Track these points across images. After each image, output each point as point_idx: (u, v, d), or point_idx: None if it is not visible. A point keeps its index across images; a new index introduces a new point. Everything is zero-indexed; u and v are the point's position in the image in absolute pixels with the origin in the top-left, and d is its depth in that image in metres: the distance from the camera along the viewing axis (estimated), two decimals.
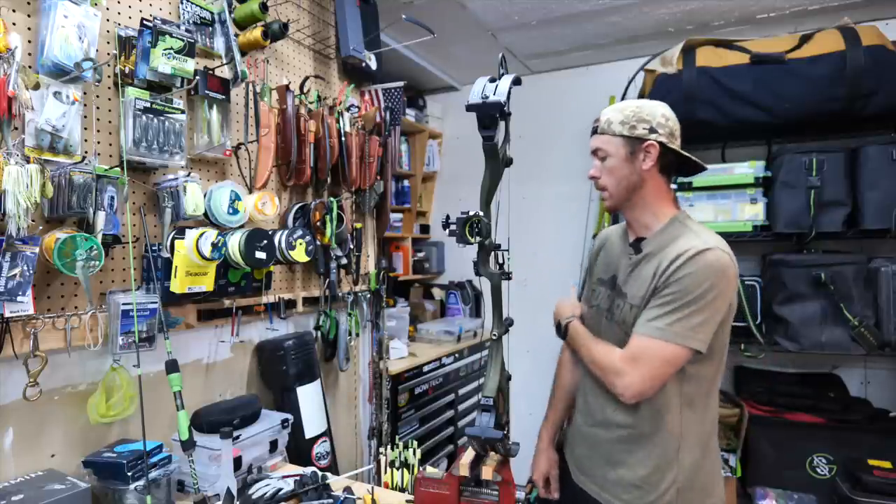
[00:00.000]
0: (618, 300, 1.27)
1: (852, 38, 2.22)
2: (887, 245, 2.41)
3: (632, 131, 1.20)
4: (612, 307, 1.29)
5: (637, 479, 1.21)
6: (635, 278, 1.24)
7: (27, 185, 1.11)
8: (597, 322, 1.34)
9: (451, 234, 1.20)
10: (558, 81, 3.46)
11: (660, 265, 1.17)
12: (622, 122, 1.21)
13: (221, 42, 1.73)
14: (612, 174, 1.23)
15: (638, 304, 1.21)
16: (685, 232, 1.20)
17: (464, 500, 1.20)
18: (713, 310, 1.12)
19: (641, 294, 1.20)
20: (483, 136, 1.12)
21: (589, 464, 1.32)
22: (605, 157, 1.24)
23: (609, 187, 1.25)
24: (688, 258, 1.12)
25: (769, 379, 2.67)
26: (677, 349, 1.11)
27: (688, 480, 1.18)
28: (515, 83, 1.14)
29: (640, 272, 1.23)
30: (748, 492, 2.49)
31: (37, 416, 1.30)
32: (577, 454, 1.38)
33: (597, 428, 1.30)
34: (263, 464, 1.63)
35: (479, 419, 1.19)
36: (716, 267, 1.11)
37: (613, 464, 1.25)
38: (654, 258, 1.20)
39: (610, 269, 1.34)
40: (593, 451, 1.31)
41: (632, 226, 1.31)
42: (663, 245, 1.20)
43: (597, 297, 1.36)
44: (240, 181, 1.84)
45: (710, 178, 2.54)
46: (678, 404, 1.18)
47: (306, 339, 2.03)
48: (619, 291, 1.28)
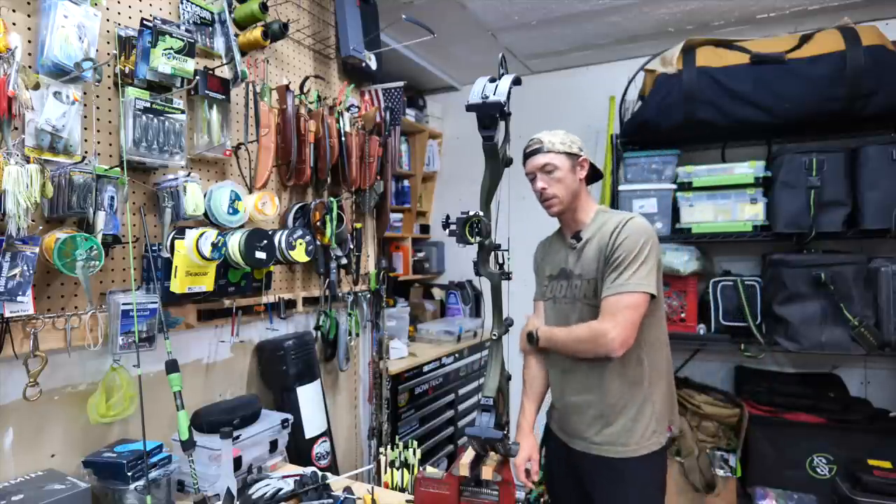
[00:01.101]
0: (574, 281, 1.51)
1: (852, 38, 2.22)
2: (887, 245, 2.41)
3: (570, 149, 1.50)
4: (570, 290, 1.52)
5: (627, 421, 1.43)
6: (583, 260, 1.49)
7: (27, 185, 1.11)
8: (562, 308, 1.54)
9: (451, 234, 1.20)
10: (558, 81, 3.46)
11: (602, 240, 1.44)
12: (562, 143, 1.49)
13: (221, 42, 1.73)
14: (562, 183, 1.48)
15: (592, 276, 1.45)
16: (611, 216, 1.51)
17: (464, 500, 1.21)
18: (653, 260, 1.40)
19: (593, 268, 1.45)
20: (483, 136, 1.12)
21: (582, 427, 1.49)
22: (554, 170, 1.48)
23: (559, 195, 1.49)
24: (622, 226, 1.41)
25: (769, 379, 2.67)
26: (639, 296, 1.35)
27: (661, 408, 1.46)
28: (515, 83, 1.14)
29: (586, 254, 1.49)
30: (748, 492, 2.49)
31: (37, 416, 1.30)
32: (571, 423, 1.53)
33: (584, 395, 1.48)
34: (263, 464, 1.63)
35: (479, 419, 1.19)
36: (644, 227, 1.42)
37: (604, 417, 1.45)
38: (594, 239, 1.48)
39: (557, 266, 1.58)
40: (582, 415, 1.48)
41: (569, 224, 1.57)
42: (598, 228, 1.49)
43: (552, 291, 1.58)
44: (240, 181, 1.84)
45: (710, 178, 2.54)
46: (642, 350, 1.43)
47: (306, 339, 2.03)
48: (571, 275, 1.53)
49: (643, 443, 1.42)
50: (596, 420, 1.46)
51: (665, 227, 2.65)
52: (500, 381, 1.26)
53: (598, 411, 1.45)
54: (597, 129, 3.26)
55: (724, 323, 2.55)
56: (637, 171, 2.69)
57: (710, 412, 2.54)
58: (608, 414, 1.44)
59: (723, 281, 2.57)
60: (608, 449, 1.43)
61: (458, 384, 3.08)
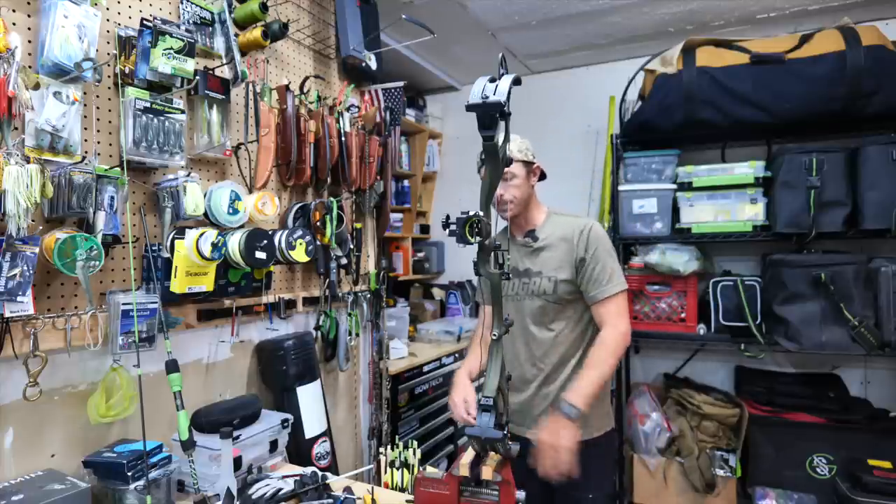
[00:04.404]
0: (533, 279, 1.63)
1: (852, 38, 2.22)
2: (887, 245, 2.41)
3: (525, 157, 1.61)
4: (527, 287, 1.64)
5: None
6: (543, 259, 1.62)
7: (27, 185, 1.11)
8: (517, 304, 1.66)
9: (451, 234, 1.19)
10: (558, 81, 3.46)
11: (568, 244, 1.59)
12: (519, 151, 1.60)
13: (221, 42, 1.73)
14: (519, 189, 1.60)
15: (554, 275, 1.59)
16: (565, 219, 1.66)
17: (464, 500, 1.20)
18: (616, 258, 1.62)
19: (559, 267, 1.59)
20: (483, 136, 1.12)
21: (544, 418, 1.53)
22: (512, 178, 1.58)
23: (516, 200, 1.60)
24: (589, 235, 1.59)
25: (769, 379, 2.67)
26: (623, 293, 1.59)
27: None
28: (515, 83, 1.14)
29: (547, 254, 1.62)
30: (748, 492, 2.50)
31: (37, 416, 1.30)
32: (538, 418, 1.60)
33: (548, 386, 1.62)
34: (263, 464, 1.63)
35: (479, 419, 1.19)
36: (603, 232, 1.62)
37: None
38: (557, 241, 1.61)
39: (510, 265, 1.66)
40: (546, 405, 1.60)
41: (520, 226, 1.68)
42: (556, 230, 1.63)
43: (506, 289, 1.65)
44: (240, 181, 1.84)
45: (710, 178, 2.54)
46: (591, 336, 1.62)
47: (306, 339, 2.03)
48: (529, 273, 1.64)
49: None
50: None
51: (665, 227, 2.65)
52: (500, 381, 1.26)
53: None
54: (597, 129, 3.27)
55: (724, 323, 2.55)
56: (637, 171, 2.69)
57: (710, 412, 2.54)
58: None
59: (723, 281, 2.57)
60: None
61: None
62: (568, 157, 3.27)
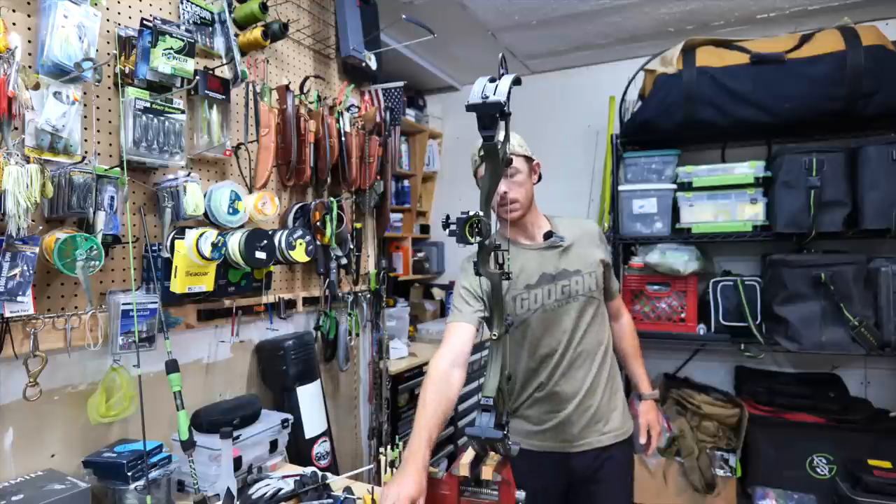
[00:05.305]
0: (571, 279, 1.50)
1: (852, 38, 2.22)
2: (887, 245, 2.41)
3: (526, 152, 1.50)
4: (564, 291, 1.49)
5: (620, 403, 1.58)
6: (579, 256, 1.52)
7: (27, 185, 1.11)
8: (550, 315, 1.48)
9: (451, 234, 1.19)
10: (558, 81, 3.46)
11: (595, 241, 1.57)
12: (520, 145, 1.49)
13: (221, 42, 1.73)
14: (523, 187, 1.47)
15: (595, 270, 1.52)
16: (567, 219, 1.61)
17: (464, 500, 1.20)
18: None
19: (595, 262, 1.53)
20: (483, 136, 1.12)
21: (586, 431, 1.51)
22: (516, 174, 1.45)
23: (520, 199, 1.47)
24: (600, 232, 1.62)
25: (769, 379, 2.67)
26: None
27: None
28: (515, 83, 1.13)
29: (580, 250, 1.53)
30: (748, 492, 2.50)
31: (37, 416, 1.30)
32: (574, 434, 1.51)
33: (592, 397, 1.51)
34: (263, 464, 1.63)
35: (479, 419, 1.19)
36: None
37: (605, 411, 1.53)
38: (582, 237, 1.55)
39: (533, 274, 1.50)
40: (587, 419, 1.51)
41: (526, 229, 1.55)
42: (570, 229, 1.56)
43: (536, 301, 1.49)
44: (240, 181, 1.84)
45: (710, 178, 2.54)
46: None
47: (306, 339, 2.03)
48: (566, 274, 1.50)
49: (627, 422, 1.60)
50: (597, 415, 1.54)
51: (665, 227, 2.65)
52: (500, 380, 1.26)
53: (597, 409, 1.54)
54: (597, 129, 3.27)
55: (724, 323, 2.55)
56: (637, 171, 2.69)
57: (710, 412, 2.54)
58: (604, 406, 1.57)
59: (723, 281, 2.57)
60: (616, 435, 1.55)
61: None
62: (568, 158, 3.27)
